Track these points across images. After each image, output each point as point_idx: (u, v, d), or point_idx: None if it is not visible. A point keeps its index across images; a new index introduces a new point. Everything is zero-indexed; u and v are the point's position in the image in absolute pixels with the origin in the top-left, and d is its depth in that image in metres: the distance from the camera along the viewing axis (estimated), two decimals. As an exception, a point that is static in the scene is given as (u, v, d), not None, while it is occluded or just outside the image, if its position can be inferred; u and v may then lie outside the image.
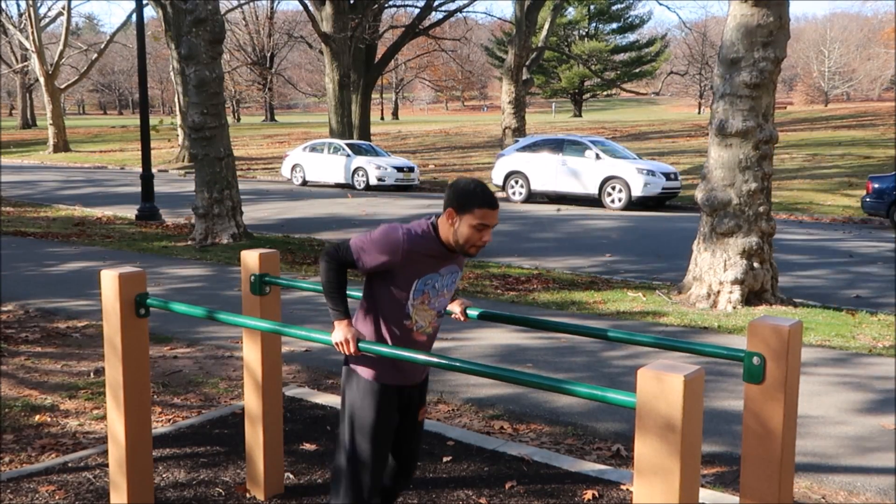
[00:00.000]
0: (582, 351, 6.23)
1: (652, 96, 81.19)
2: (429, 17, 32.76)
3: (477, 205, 2.73)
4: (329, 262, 2.79)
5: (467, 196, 2.74)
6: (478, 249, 2.82)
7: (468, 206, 2.73)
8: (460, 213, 2.74)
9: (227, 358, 6.03)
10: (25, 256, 10.48)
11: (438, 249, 2.81)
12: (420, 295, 2.84)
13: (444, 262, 2.86)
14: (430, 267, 2.83)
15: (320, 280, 2.83)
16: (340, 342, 2.76)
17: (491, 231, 2.78)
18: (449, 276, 2.92)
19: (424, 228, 2.81)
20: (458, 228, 2.76)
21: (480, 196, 2.74)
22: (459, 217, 2.75)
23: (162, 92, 76.82)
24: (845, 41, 75.06)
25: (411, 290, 2.81)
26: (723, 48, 8.04)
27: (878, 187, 15.27)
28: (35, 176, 25.57)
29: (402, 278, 2.78)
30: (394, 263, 2.75)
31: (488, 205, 2.74)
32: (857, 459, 4.23)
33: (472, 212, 2.73)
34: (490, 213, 2.75)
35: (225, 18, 20.46)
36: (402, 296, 2.81)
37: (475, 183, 2.78)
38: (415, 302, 2.84)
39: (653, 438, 1.97)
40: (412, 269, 2.78)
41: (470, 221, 2.74)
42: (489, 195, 2.76)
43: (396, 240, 2.73)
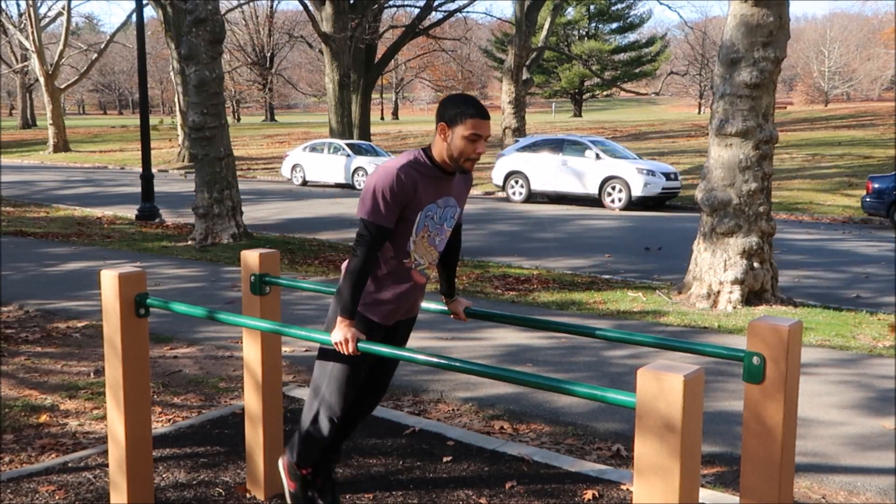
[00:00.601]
0: (582, 351, 6.23)
1: (652, 96, 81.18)
2: (429, 17, 32.77)
3: (469, 115, 2.78)
4: (358, 255, 2.79)
5: (458, 108, 2.79)
6: (473, 163, 2.86)
7: (460, 118, 2.78)
8: (452, 125, 2.79)
9: (227, 358, 6.03)
10: (25, 256, 10.48)
11: (433, 171, 2.86)
12: (421, 229, 2.88)
13: (441, 190, 2.90)
14: (430, 195, 2.87)
15: (345, 276, 2.81)
16: (340, 342, 2.76)
17: (484, 143, 2.83)
18: (447, 208, 2.96)
19: (415, 155, 2.87)
20: (452, 141, 2.80)
21: (471, 107, 2.79)
22: (452, 130, 2.79)
23: (162, 92, 76.79)
24: (845, 41, 75.04)
25: (415, 224, 2.85)
26: (723, 48, 8.04)
27: (878, 187, 15.27)
28: (35, 176, 25.57)
29: (409, 212, 2.82)
30: (409, 201, 2.79)
31: (480, 114, 2.79)
32: (857, 459, 4.23)
33: (464, 122, 2.77)
34: (482, 123, 2.79)
35: (225, 18, 20.47)
36: (405, 231, 2.86)
37: (464, 96, 2.84)
38: (416, 238, 2.88)
39: (653, 438, 1.97)
40: (417, 199, 2.82)
41: (462, 132, 2.78)
42: (479, 106, 2.81)
43: (399, 179, 2.76)
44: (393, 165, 2.80)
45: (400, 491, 3.65)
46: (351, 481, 3.76)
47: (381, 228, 2.78)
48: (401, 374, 5.58)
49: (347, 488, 3.68)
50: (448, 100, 2.85)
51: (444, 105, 2.84)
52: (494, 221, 15.12)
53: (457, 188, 2.99)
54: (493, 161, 21.07)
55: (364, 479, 3.79)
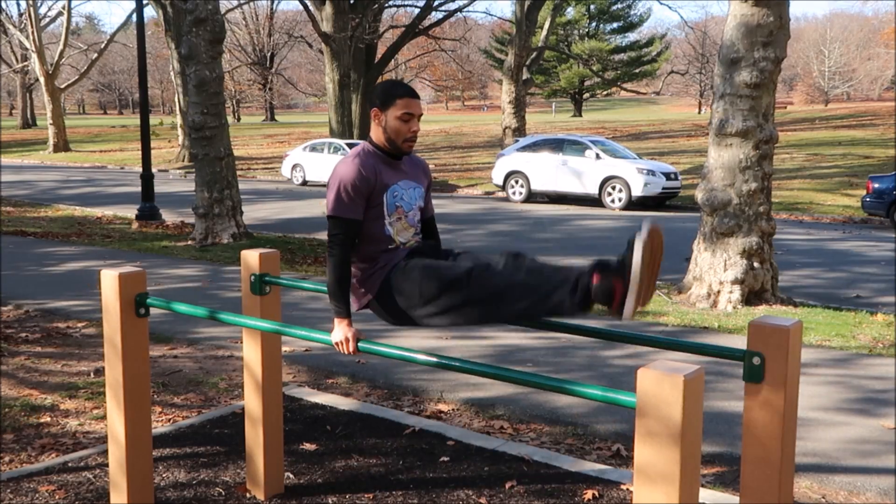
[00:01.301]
0: (582, 351, 6.22)
1: (652, 96, 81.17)
2: (429, 17, 32.75)
3: (398, 95, 2.87)
4: (334, 254, 2.83)
5: (386, 91, 2.90)
6: (411, 144, 2.93)
7: (389, 100, 2.87)
8: (384, 108, 2.88)
9: (227, 358, 6.03)
10: (25, 256, 10.48)
11: (383, 157, 2.93)
12: (394, 210, 2.92)
13: (397, 174, 2.96)
14: (390, 177, 2.93)
15: (328, 278, 2.86)
16: (340, 342, 2.77)
17: (417, 121, 2.90)
18: (411, 189, 3.00)
19: (362, 147, 2.95)
20: (387, 124, 2.89)
21: (399, 89, 2.89)
22: (384, 114, 2.89)
23: (162, 92, 76.78)
24: (845, 41, 75.01)
25: (384, 206, 2.89)
26: (723, 48, 8.04)
27: (878, 187, 15.27)
28: (35, 176, 25.57)
29: (376, 196, 2.87)
30: (371, 188, 2.85)
31: (408, 94, 2.89)
32: (857, 459, 4.23)
33: (395, 103, 2.86)
34: (412, 102, 2.88)
35: (225, 18, 20.47)
36: (378, 216, 2.89)
37: (391, 80, 2.95)
38: (391, 220, 2.92)
39: (653, 438, 1.97)
40: (381, 182, 2.88)
41: (395, 114, 2.87)
42: (406, 86, 2.91)
43: (357, 169, 2.83)
44: (347, 160, 2.88)
45: (400, 491, 3.65)
46: (351, 481, 3.76)
47: (350, 222, 2.82)
48: (401, 374, 5.58)
49: (347, 488, 3.68)
50: (376, 86, 2.97)
51: (374, 91, 2.95)
52: (494, 221, 15.12)
53: (412, 172, 3.04)
54: (494, 161, 21.08)
55: (364, 479, 3.79)
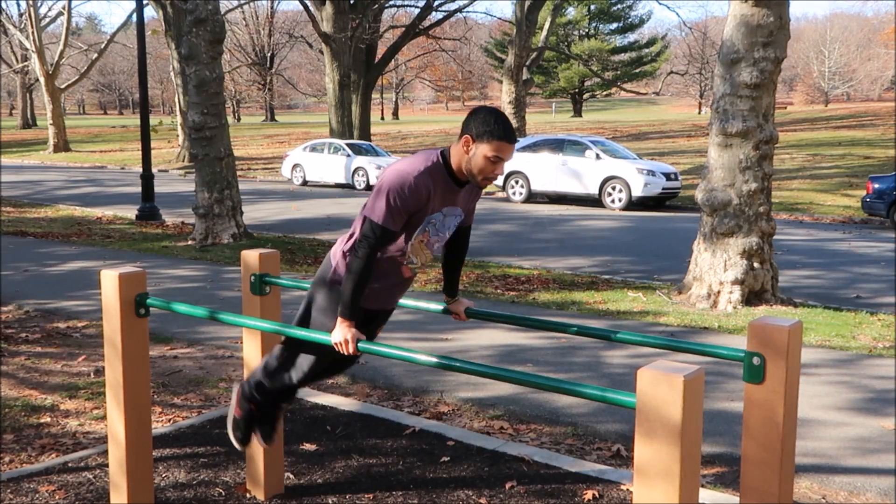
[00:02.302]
0: (581, 351, 6.22)
1: (652, 96, 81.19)
2: (429, 17, 32.76)
3: (497, 137, 2.72)
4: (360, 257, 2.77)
5: (488, 126, 2.72)
6: (489, 182, 2.83)
7: (487, 137, 2.72)
8: (478, 141, 2.73)
9: (228, 358, 6.04)
10: (26, 256, 10.48)
11: (447, 180, 2.82)
12: (422, 234, 2.87)
13: (449, 199, 2.87)
14: (439, 203, 2.84)
15: (346, 277, 2.79)
16: (340, 342, 2.76)
17: (504, 165, 2.78)
18: (451, 217, 2.94)
19: (434, 160, 2.81)
20: (474, 157, 2.75)
21: (500, 129, 2.72)
22: (476, 145, 2.74)
23: (162, 92, 76.79)
24: (845, 41, 75.00)
25: (417, 229, 2.84)
26: (723, 48, 8.04)
27: (879, 187, 15.27)
28: (35, 176, 25.58)
29: (416, 218, 2.80)
30: (419, 208, 2.77)
31: (507, 138, 2.73)
32: (857, 460, 4.23)
33: (491, 142, 2.72)
34: (507, 147, 2.74)
35: (225, 18, 20.47)
36: (407, 234, 2.84)
37: (496, 114, 2.77)
38: (414, 241, 2.88)
39: (653, 438, 1.97)
40: (426, 208, 2.80)
41: (486, 152, 2.73)
42: (509, 128, 2.75)
43: (414, 185, 2.72)
44: (410, 170, 2.74)
45: (400, 491, 3.65)
46: (351, 481, 3.76)
47: (387, 232, 2.75)
48: (401, 373, 5.58)
49: (347, 488, 3.68)
50: (480, 112, 2.76)
51: (475, 118, 2.75)
52: (494, 221, 15.12)
53: (464, 198, 2.96)
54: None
55: (364, 479, 3.79)
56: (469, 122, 2.76)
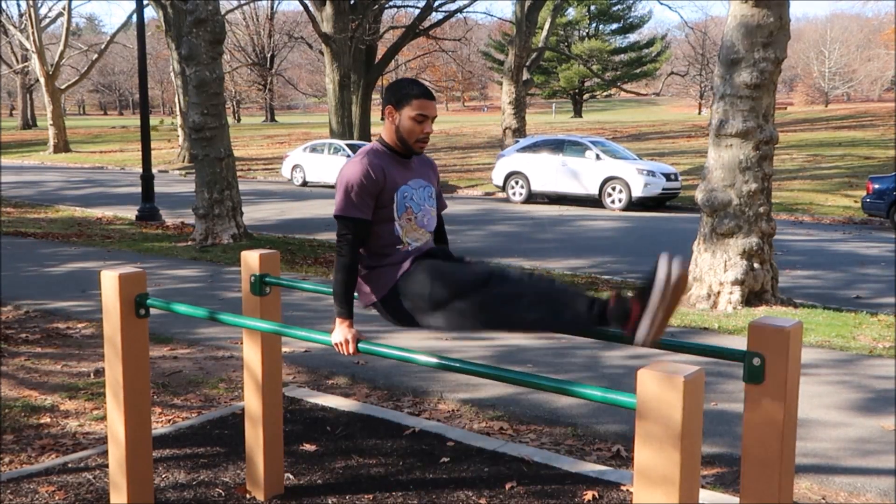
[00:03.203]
0: (582, 351, 6.22)
1: (652, 97, 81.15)
2: (429, 17, 32.76)
3: (414, 96, 2.84)
4: (343, 255, 2.82)
5: (402, 90, 2.86)
6: (423, 145, 2.91)
7: (405, 100, 2.84)
8: (399, 107, 2.85)
9: (227, 358, 6.03)
10: (25, 257, 10.48)
11: (393, 156, 2.90)
12: (404, 211, 2.89)
13: (406, 173, 2.93)
14: (398, 177, 2.90)
15: (335, 277, 2.84)
16: (340, 343, 2.76)
17: (431, 123, 2.88)
18: (421, 189, 2.97)
19: (372, 146, 2.92)
20: (400, 123, 2.86)
21: (415, 88, 2.85)
22: (399, 112, 2.86)
23: (162, 92, 76.75)
24: (845, 42, 74.96)
25: (394, 207, 2.87)
26: (723, 49, 8.04)
27: (879, 188, 15.27)
28: (35, 176, 25.57)
29: (385, 197, 2.85)
30: (380, 188, 2.82)
31: (425, 95, 2.86)
32: (857, 460, 4.23)
33: (410, 103, 2.83)
34: (427, 104, 2.86)
35: (225, 19, 20.47)
36: (387, 217, 2.87)
37: (408, 79, 2.90)
38: (401, 221, 2.89)
39: (653, 439, 1.97)
40: (389, 183, 2.85)
41: (409, 114, 2.84)
42: (423, 87, 2.87)
43: (364, 169, 2.80)
44: (356, 159, 2.86)
45: (400, 491, 3.65)
46: (351, 481, 3.76)
47: (358, 222, 2.80)
48: (401, 374, 5.58)
49: (347, 489, 3.68)
50: (393, 84, 2.92)
51: (390, 89, 2.90)
52: (494, 222, 15.12)
53: (421, 170, 3.02)
54: (494, 162, 21.07)
55: (364, 479, 3.79)
56: (387, 95, 2.89)
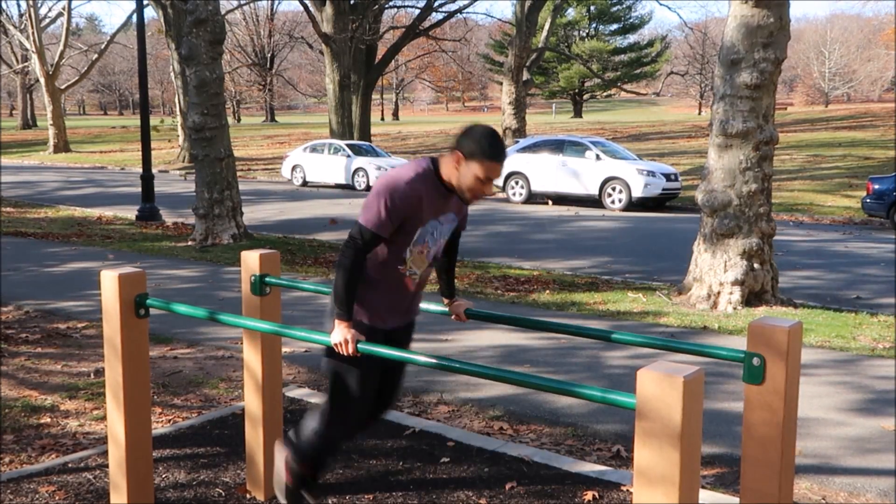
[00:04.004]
0: (581, 351, 6.22)
1: (652, 97, 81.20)
2: (429, 17, 32.77)
3: (488, 157, 2.72)
4: (349, 257, 2.78)
5: (480, 146, 2.72)
6: (477, 199, 2.84)
7: (478, 157, 2.72)
8: (469, 159, 2.74)
9: (227, 358, 6.04)
10: (25, 257, 10.48)
11: (439, 188, 2.83)
12: (421, 243, 2.88)
13: (443, 206, 2.88)
14: (433, 211, 2.85)
15: (336, 278, 2.80)
16: (340, 342, 2.77)
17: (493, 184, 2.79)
18: (448, 224, 2.96)
19: (425, 167, 2.82)
20: (463, 174, 2.76)
21: (491, 150, 2.72)
22: (467, 163, 2.74)
23: (162, 92, 76.79)
24: (846, 42, 74.97)
25: (414, 237, 2.85)
26: (723, 49, 8.04)
27: (879, 188, 15.27)
28: (35, 176, 25.58)
29: (409, 226, 2.80)
30: (411, 215, 2.77)
31: (498, 159, 2.74)
32: (857, 460, 4.23)
33: (482, 162, 2.72)
34: (498, 168, 2.75)
35: (225, 19, 20.47)
36: (404, 242, 2.85)
37: (490, 135, 2.74)
38: (413, 250, 2.88)
39: (653, 439, 1.97)
40: (419, 215, 2.80)
41: (476, 171, 2.73)
42: (500, 150, 2.74)
43: (406, 194, 2.73)
44: (402, 176, 2.76)
45: (400, 491, 3.65)
46: (351, 482, 3.76)
47: (375, 236, 2.77)
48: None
49: (347, 489, 3.68)
50: (472, 131, 2.75)
51: (468, 135, 2.74)
52: (494, 222, 15.12)
53: (457, 203, 2.98)
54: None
55: (364, 479, 3.79)
56: (462, 139, 2.75)
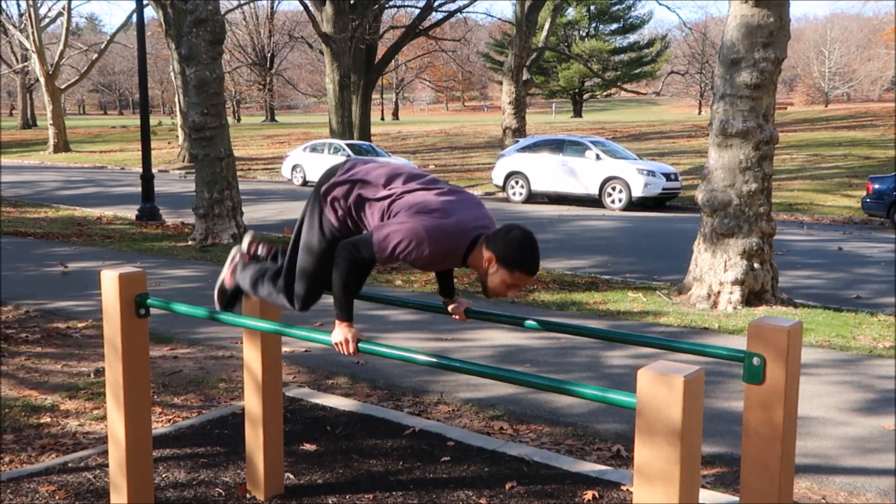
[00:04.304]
0: (581, 351, 6.23)
1: (652, 97, 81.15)
2: (429, 17, 32.77)
3: (522, 271, 2.64)
4: (344, 267, 2.74)
5: (518, 257, 2.63)
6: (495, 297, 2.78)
7: (514, 267, 2.63)
8: (502, 265, 2.65)
9: (227, 358, 6.03)
10: (25, 256, 10.48)
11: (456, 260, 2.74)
12: None
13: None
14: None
15: (333, 281, 2.78)
16: (340, 342, 2.76)
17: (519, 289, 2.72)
18: None
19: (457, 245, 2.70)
20: (492, 276, 2.68)
21: (529, 265, 2.65)
22: (499, 268, 2.66)
23: (162, 92, 76.74)
24: (846, 42, 74.97)
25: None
26: (723, 49, 8.04)
27: (879, 188, 15.27)
28: (35, 176, 25.57)
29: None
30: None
31: (532, 274, 2.66)
32: (857, 460, 4.23)
33: (514, 273, 2.64)
34: (528, 281, 2.68)
35: (225, 19, 20.47)
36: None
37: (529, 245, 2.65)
38: None
39: (653, 439, 1.97)
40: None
41: (506, 277, 2.66)
42: (535, 264, 2.66)
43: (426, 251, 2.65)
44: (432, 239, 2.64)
45: (400, 491, 3.65)
46: (351, 481, 3.76)
47: (374, 262, 2.76)
48: (401, 374, 5.58)
49: (347, 489, 3.68)
50: (512, 238, 2.64)
51: (508, 241, 2.63)
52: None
53: None
54: (494, 161, 21.08)
55: (364, 479, 3.79)
56: (499, 242, 2.64)
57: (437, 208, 2.70)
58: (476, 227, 2.73)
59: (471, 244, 2.71)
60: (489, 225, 2.80)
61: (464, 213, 2.75)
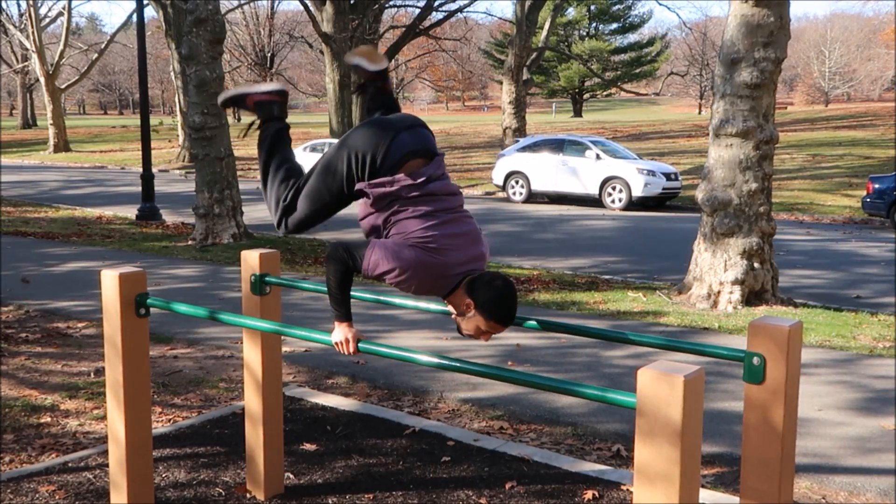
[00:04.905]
0: (581, 351, 6.22)
1: (652, 96, 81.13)
2: (429, 17, 32.76)
3: (497, 321, 2.69)
4: (338, 266, 2.76)
5: (494, 308, 2.67)
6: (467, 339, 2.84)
7: (489, 316, 2.68)
8: (479, 311, 2.69)
9: (227, 358, 6.03)
10: (25, 256, 10.48)
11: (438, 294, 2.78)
12: None
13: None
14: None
15: (326, 282, 2.80)
16: (340, 342, 2.76)
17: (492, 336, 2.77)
18: None
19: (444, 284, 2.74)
20: (469, 320, 2.73)
21: (505, 318, 2.69)
22: (476, 314, 2.70)
23: (162, 92, 76.72)
24: (846, 41, 74.94)
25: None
26: (723, 48, 8.04)
27: (879, 187, 15.27)
28: (35, 176, 25.57)
29: None
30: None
31: (504, 324, 2.71)
32: (857, 460, 4.23)
33: (490, 322, 2.69)
34: (501, 330, 2.73)
35: (225, 18, 20.47)
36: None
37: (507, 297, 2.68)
38: None
39: (653, 439, 1.97)
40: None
41: (482, 324, 2.70)
42: (511, 317, 2.70)
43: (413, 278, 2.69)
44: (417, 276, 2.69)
45: (400, 491, 3.65)
46: (351, 481, 3.76)
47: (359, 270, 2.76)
48: (401, 373, 5.58)
49: (347, 488, 3.68)
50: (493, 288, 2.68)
51: (488, 291, 2.68)
52: (495, 222, 15.11)
53: None
54: (494, 161, 21.07)
55: (364, 479, 3.79)
56: (481, 290, 2.68)
57: (432, 246, 2.71)
58: (465, 270, 2.75)
59: (455, 285, 2.75)
60: (480, 266, 2.82)
61: (459, 253, 2.75)
